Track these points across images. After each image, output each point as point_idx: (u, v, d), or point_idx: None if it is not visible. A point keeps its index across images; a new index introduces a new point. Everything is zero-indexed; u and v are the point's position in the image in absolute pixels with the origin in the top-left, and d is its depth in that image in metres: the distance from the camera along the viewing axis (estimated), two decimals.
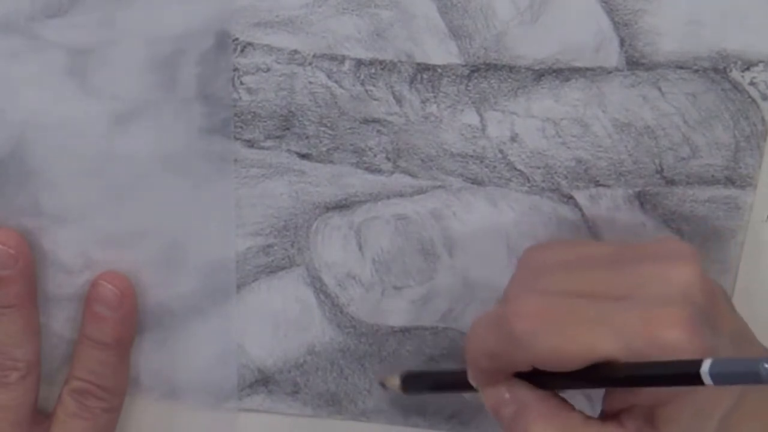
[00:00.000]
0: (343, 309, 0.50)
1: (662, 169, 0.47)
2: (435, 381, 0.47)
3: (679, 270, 0.39)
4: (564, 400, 0.41)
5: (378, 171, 0.48)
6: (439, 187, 0.48)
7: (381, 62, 0.46)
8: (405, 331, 0.50)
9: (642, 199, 0.47)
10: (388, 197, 0.48)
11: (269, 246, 0.49)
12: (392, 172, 0.48)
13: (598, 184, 0.47)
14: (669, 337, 0.37)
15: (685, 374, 0.35)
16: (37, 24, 0.45)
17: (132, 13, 0.45)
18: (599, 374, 0.38)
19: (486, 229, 0.48)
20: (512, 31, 0.45)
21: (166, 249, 0.49)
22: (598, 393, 0.42)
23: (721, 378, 0.34)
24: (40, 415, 0.50)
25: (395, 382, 0.48)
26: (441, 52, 0.46)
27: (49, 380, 0.50)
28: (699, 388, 0.35)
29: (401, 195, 0.48)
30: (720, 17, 0.45)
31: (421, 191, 0.48)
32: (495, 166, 0.47)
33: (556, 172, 0.47)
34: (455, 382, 0.44)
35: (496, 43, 0.45)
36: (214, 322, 0.50)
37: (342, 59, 0.46)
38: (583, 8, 0.45)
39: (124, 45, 0.46)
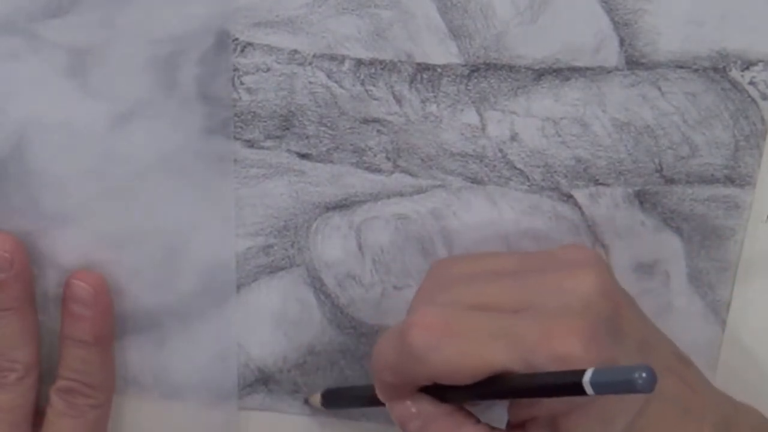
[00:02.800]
0: (343, 309, 0.50)
1: (662, 168, 0.47)
2: (351, 397, 0.48)
3: (580, 279, 0.39)
4: (469, 413, 0.41)
5: (378, 171, 0.48)
6: (439, 186, 0.48)
7: (381, 62, 0.46)
8: None
9: (641, 198, 0.47)
10: (388, 197, 0.48)
11: (269, 246, 0.49)
12: (392, 172, 0.48)
13: (597, 183, 0.47)
14: (564, 348, 0.37)
15: (569, 384, 0.35)
16: (37, 24, 0.45)
17: (132, 13, 0.45)
18: (497, 387, 0.38)
19: (486, 228, 0.48)
20: (512, 31, 0.45)
21: (165, 249, 0.49)
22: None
23: (600, 387, 0.34)
24: (40, 417, 0.50)
25: (317, 399, 0.49)
26: (441, 51, 0.46)
27: (50, 381, 0.50)
28: (600, 397, 0.35)
29: (401, 194, 0.48)
30: (719, 17, 0.45)
31: (421, 191, 0.48)
32: (495, 166, 0.47)
33: (555, 171, 0.47)
34: (370, 397, 0.44)
35: (496, 43, 0.45)
36: (214, 322, 0.50)
37: (342, 59, 0.46)
38: (583, 8, 0.45)
39: (124, 45, 0.46)
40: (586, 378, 0.34)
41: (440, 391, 0.41)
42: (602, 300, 0.39)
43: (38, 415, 0.50)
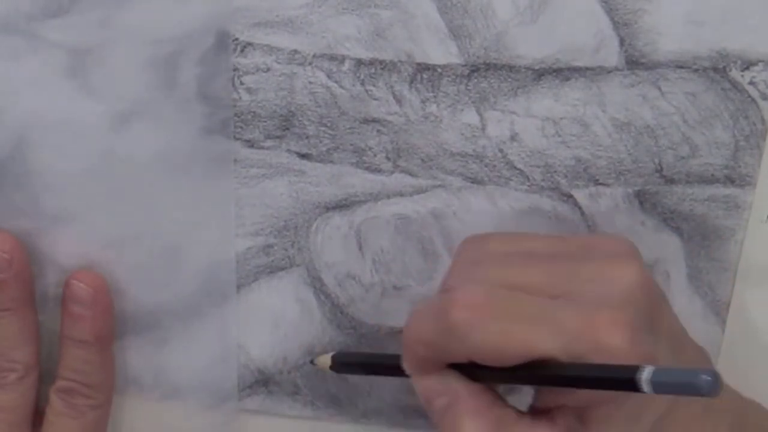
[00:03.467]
0: (343, 309, 0.50)
1: (662, 168, 0.47)
2: (366, 363, 0.47)
3: (621, 270, 0.39)
4: (497, 395, 0.41)
5: (378, 171, 0.48)
6: (439, 186, 0.48)
7: (381, 62, 0.46)
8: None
9: (641, 198, 0.47)
10: (388, 197, 0.48)
11: (269, 246, 0.49)
12: (392, 172, 0.48)
13: (597, 183, 0.47)
14: (609, 340, 0.36)
15: (624, 380, 0.35)
16: (38, 24, 0.45)
17: (132, 13, 0.46)
18: (536, 372, 0.38)
19: (486, 228, 0.48)
20: (512, 31, 0.45)
21: (166, 249, 0.49)
22: None
23: (660, 387, 0.34)
24: (40, 417, 0.50)
25: (325, 360, 0.48)
26: (441, 51, 0.46)
27: (50, 381, 0.50)
28: (632, 392, 0.35)
29: (401, 194, 0.48)
30: (720, 17, 0.45)
31: (421, 191, 0.48)
32: (495, 166, 0.47)
33: (555, 171, 0.47)
34: (387, 366, 0.44)
35: (496, 43, 0.45)
36: (214, 323, 0.50)
37: (342, 59, 0.46)
38: (582, 8, 0.45)
39: (124, 45, 0.46)
40: (646, 376, 0.34)
41: (471, 370, 0.40)
42: (642, 294, 0.39)
43: (38, 415, 0.50)
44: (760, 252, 0.47)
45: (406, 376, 0.42)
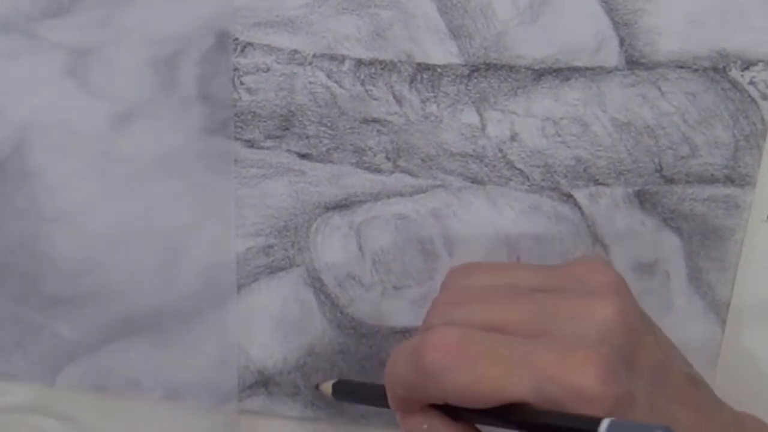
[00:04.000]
0: (344, 310, 0.50)
1: (662, 168, 0.47)
2: (364, 394, 0.48)
3: (600, 307, 0.39)
4: None
5: (378, 171, 0.48)
6: (439, 186, 0.48)
7: (381, 62, 0.46)
8: (405, 331, 0.50)
9: (641, 198, 0.47)
10: (388, 197, 0.48)
11: (269, 246, 0.49)
12: (392, 172, 0.48)
13: (597, 182, 0.47)
14: (581, 382, 0.36)
15: (582, 431, 0.35)
16: (38, 24, 0.45)
17: (132, 13, 0.46)
18: (509, 416, 0.38)
19: (486, 228, 0.48)
20: (512, 31, 0.45)
21: (166, 249, 0.49)
22: None
23: None
24: None
25: (328, 387, 0.49)
26: (441, 51, 0.46)
27: (49, 381, 0.50)
28: None
29: (401, 194, 0.48)
30: (719, 17, 0.45)
31: (421, 191, 0.48)
32: (495, 166, 0.47)
33: (555, 171, 0.47)
34: (383, 397, 0.44)
35: (496, 43, 0.45)
36: (214, 323, 0.50)
37: (342, 59, 0.46)
38: (583, 8, 0.45)
39: (124, 45, 0.46)
40: (602, 428, 0.34)
41: (452, 410, 0.40)
42: (619, 330, 0.38)
43: None
44: (760, 252, 0.47)
45: None
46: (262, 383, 0.51)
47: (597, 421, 0.35)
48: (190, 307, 0.50)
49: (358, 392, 0.48)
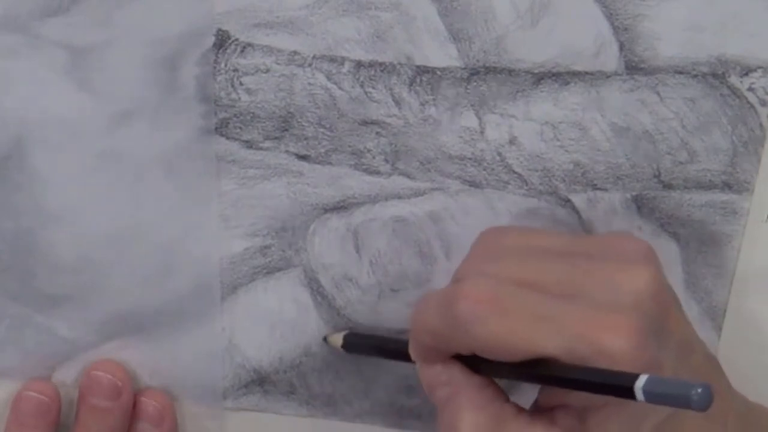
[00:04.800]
0: (340, 311, 0.50)
1: (660, 174, 0.47)
2: (377, 345, 0.48)
3: (634, 274, 0.39)
4: (499, 390, 0.41)
5: (376, 173, 0.48)
6: (437, 189, 0.48)
7: (380, 64, 0.46)
8: (402, 333, 0.50)
9: (639, 203, 0.47)
10: (386, 199, 0.48)
11: (266, 247, 0.49)
12: (390, 174, 0.48)
13: (595, 187, 0.47)
14: (612, 345, 0.36)
15: (619, 386, 0.35)
16: (37, 22, 0.45)
17: (132, 12, 0.45)
18: (537, 371, 0.38)
19: None
20: (512, 35, 0.45)
21: (163, 248, 0.49)
22: None
23: (653, 396, 0.34)
24: None
25: (338, 339, 0.48)
26: (441, 54, 0.46)
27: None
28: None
29: (399, 197, 0.48)
30: (719, 23, 0.45)
31: (419, 193, 0.48)
32: (493, 169, 0.47)
33: (553, 176, 0.47)
34: (397, 351, 0.44)
35: (496, 47, 0.45)
36: (210, 322, 0.50)
37: (342, 61, 0.46)
38: (583, 12, 0.45)
39: (123, 44, 0.46)
40: (639, 384, 0.34)
41: (475, 362, 0.40)
42: (652, 299, 0.38)
43: None
44: (757, 258, 0.48)
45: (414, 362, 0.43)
46: (258, 382, 0.51)
47: (633, 377, 0.35)
48: (186, 305, 0.50)
49: (370, 345, 0.48)
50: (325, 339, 0.50)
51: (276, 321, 0.50)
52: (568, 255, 0.41)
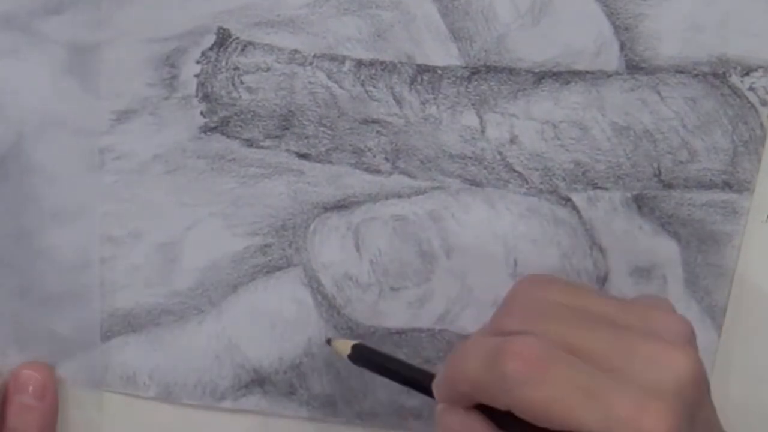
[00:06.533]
0: (340, 310, 0.50)
1: (660, 173, 0.47)
2: (387, 365, 0.47)
3: (679, 358, 0.38)
4: None
5: (377, 172, 0.48)
6: (438, 188, 0.48)
7: (381, 63, 0.46)
8: (401, 333, 0.50)
9: (639, 202, 0.47)
10: (387, 198, 0.48)
11: (267, 246, 0.49)
12: (391, 173, 0.48)
13: (596, 186, 0.47)
14: (652, 430, 0.36)
15: None
16: (38, 20, 0.45)
17: (132, 11, 0.46)
18: None
19: (484, 230, 0.48)
20: (513, 34, 0.45)
21: (162, 247, 0.49)
22: None
23: None
24: None
25: (345, 347, 0.48)
26: (441, 53, 0.46)
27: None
28: None
29: (400, 196, 0.48)
30: (720, 23, 0.45)
31: (419, 192, 0.48)
32: (494, 168, 0.47)
33: (554, 174, 0.47)
34: (408, 376, 0.44)
35: (497, 46, 0.45)
36: (209, 322, 0.50)
37: (342, 59, 0.46)
38: (583, 12, 0.45)
39: (124, 43, 0.46)
40: None
41: (500, 415, 0.40)
42: (692, 386, 0.38)
43: None
44: (757, 257, 0.48)
45: (426, 393, 0.42)
46: (258, 382, 0.51)
47: None
48: (186, 305, 0.50)
49: (378, 363, 0.47)
50: (328, 342, 0.50)
51: (276, 320, 0.50)
52: (613, 323, 0.40)
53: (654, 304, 0.42)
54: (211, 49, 0.46)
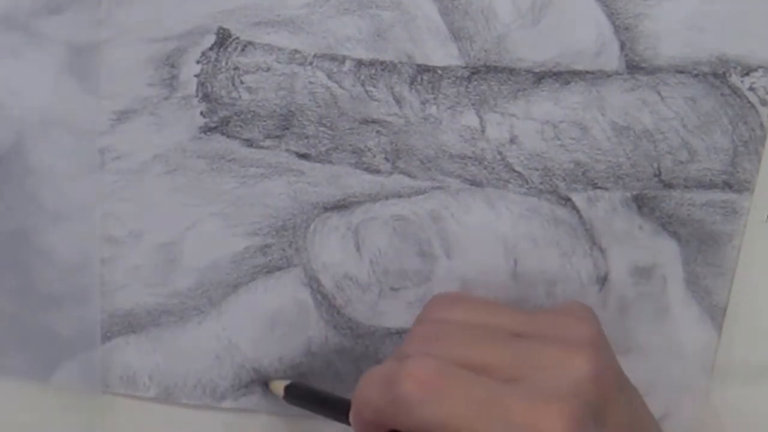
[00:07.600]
0: (340, 310, 0.50)
1: (660, 173, 0.47)
2: (318, 403, 0.48)
3: (576, 360, 0.39)
4: None
5: (377, 171, 0.48)
6: (438, 188, 0.48)
7: (381, 63, 0.46)
8: (402, 332, 0.50)
9: (639, 202, 0.47)
10: (387, 198, 0.48)
11: (267, 246, 0.49)
12: (391, 173, 0.48)
13: (595, 186, 0.47)
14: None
15: None
16: (38, 20, 0.45)
17: (132, 10, 0.46)
18: None
19: (483, 230, 0.48)
20: (513, 34, 0.45)
21: (163, 247, 0.49)
22: None
23: None
24: None
25: (279, 387, 0.49)
26: (441, 53, 0.46)
27: (46, 381, 0.50)
28: None
29: (399, 196, 0.48)
30: (720, 23, 0.45)
31: (419, 192, 0.48)
32: (494, 168, 0.47)
33: (554, 175, 0.47)
34: (337, 411, 0.44)
35: (497, 46, 0.45)
36: (210, 322, 0.50)
37: (342, 59, 0.46)
38: (583, 12, 0.45)
39: (124, 43, 0.46)
40: None
41: None
42: (593, 386, 0.39)
43: None
44: (758, 257, 0.48)
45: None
46: (258, 382, 0.51)
47: None
48: (186, 305, 0.50)
49: (311, 399, 0.48)
50: (266, 384, 0.50)
51: (276, 320, 0.50)
52: (516, 335, 0.41)
53: (566, 311, 0.42)
54: (211, 49, 0.46)
